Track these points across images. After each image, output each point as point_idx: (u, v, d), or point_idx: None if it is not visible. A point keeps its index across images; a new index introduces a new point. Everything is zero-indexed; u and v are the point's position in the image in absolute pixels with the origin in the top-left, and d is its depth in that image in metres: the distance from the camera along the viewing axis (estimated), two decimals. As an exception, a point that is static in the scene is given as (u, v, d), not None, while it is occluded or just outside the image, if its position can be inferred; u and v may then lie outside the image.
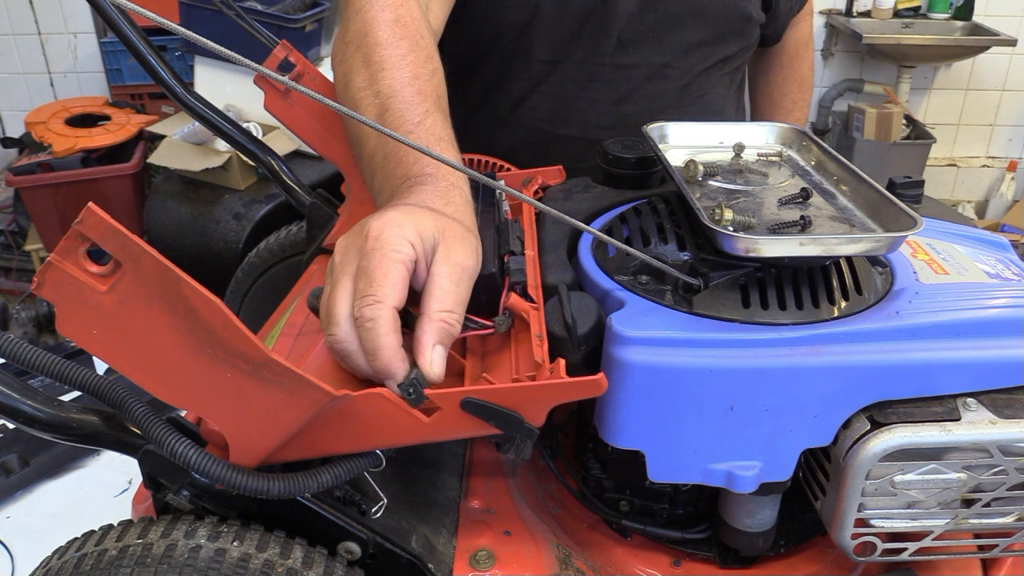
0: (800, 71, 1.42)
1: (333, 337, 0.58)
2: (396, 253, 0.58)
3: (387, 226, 0.59)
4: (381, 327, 0.56)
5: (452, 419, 0.59)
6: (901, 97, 3.53)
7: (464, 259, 0.62)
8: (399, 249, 0.58)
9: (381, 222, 0.60)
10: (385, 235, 0.59)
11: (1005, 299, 0.70)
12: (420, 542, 0.67)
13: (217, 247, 2.40)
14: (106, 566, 0.56)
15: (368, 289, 0.57)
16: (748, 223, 0.70)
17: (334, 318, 0.58)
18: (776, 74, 1.42)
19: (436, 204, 0.65)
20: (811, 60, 1.44)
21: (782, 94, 1.42)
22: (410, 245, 0.59)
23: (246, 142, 1.05)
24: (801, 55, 1.41)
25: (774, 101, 1.43)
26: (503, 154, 1.04)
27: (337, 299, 0.59)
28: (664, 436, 0.66)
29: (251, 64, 0.58)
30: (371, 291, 0.57)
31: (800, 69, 1.42)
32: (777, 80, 1.42)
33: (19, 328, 2.71)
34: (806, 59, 1.42)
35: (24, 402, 0.59)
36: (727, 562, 0.77)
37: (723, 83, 1.22)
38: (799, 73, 1.42)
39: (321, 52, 2.72)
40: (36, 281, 0.48)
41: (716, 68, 1.19)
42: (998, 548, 0.70)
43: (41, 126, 2.93)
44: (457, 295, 0.61)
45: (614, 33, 1.10)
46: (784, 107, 1.42)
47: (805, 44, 1.41)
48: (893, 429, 0.64)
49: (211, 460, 0.56)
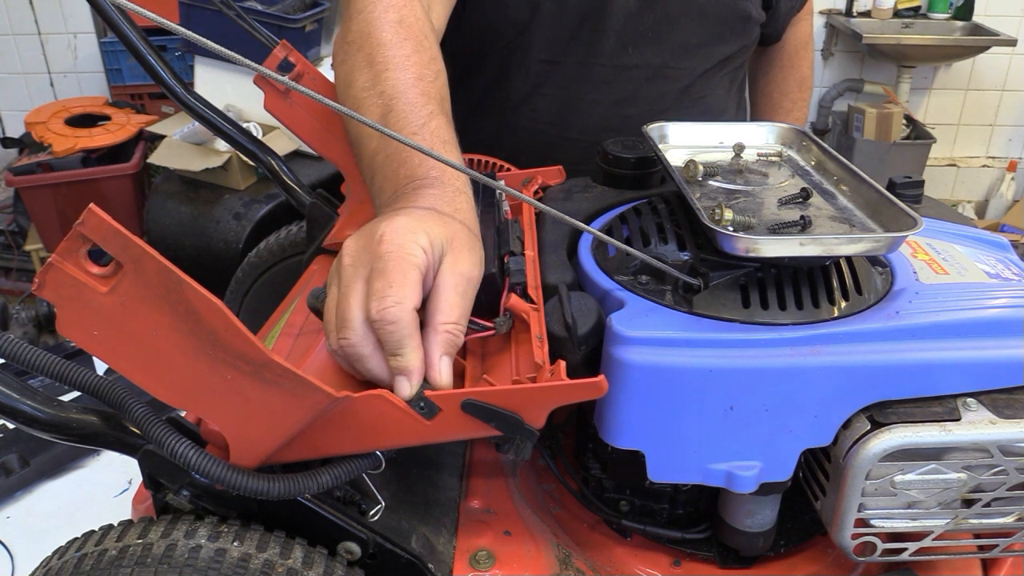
0: (800, 71, 1.42)
1: (347, 340, 0.58)
2: (412, 257, 0.58)
3: (401, 231, 0.59)
4: (405, 328, 0.56)
5: (452, 420, 0.59)
6: (901, 97, 3.53)
7: (470, 270, 0.62)
8: (414, 254, 0.58)
9: (394, 226, 0.60)
10: (400, 240, 0.59)
11: (1005, 299, 0.70)
12: (420, 542, 0.67)
13: (217, 247, 2.41)
14: (106, 566, 0.56)
15: (387, 291, 0.57)
16: (748, 223, 0.71)
17: (349, 321, 0.58)
18: (776, 74, 1.42)
19: (445, 209, 0.65)
20: (811, 60, 1.44)
21: (782, 94, 1.42)
22: (423, 251, 0.59)
23: (246, 142, 1.05)
24: (801, 55, 1.41)
25: (774, 101, 1.43)
26: (505, 156, 1.04)
27: (350, 302, 0.58)
28: (664, 436, 0.67)
29: (251, 64, 0.58)
30: (390, 292, 0.57)
31: (800, 69, 1.42)
32: (777, 80, 1.42)
33: (19, 328, 2.71)
34: (806, 59, 1.42)
35: (24, 402, 0.59)
36: (727, 562, 0.77)
37: (724, 84, 1.22)
38: (799, 73, 1.42)
39: (321, 52, 2.73)
40: (37, 282, 0.48)
41: (717, 69, 1.19)
42: (998, 548, 0.70)
43: (41, 126, 2.93)
44: (462, 307, 0.61)
45: (612, 33, 1.11)
46: (784, 107, 1.42)
47: (805, 44, 1.42)
48: (893, 429, 0.64)
49: (211, 460, 0.56)
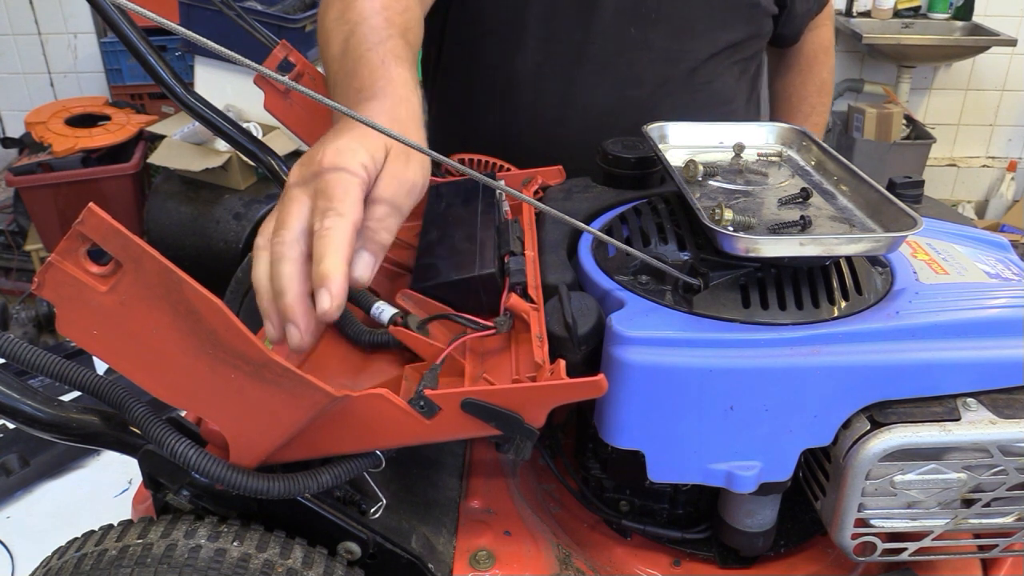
0: (819, 76, 1.41)
1: (279, 239, 0.58)
2: (352, 176, 0.60)
3: (341, 152, 0.61)
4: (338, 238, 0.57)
5: (452, 420, 0.59)
6: (901, 97, 3.53)
7: (406, 174, 0.64)
8: (355, 171, 0.60)
9: (335, 148, 0.62)
10: (340, 160, 0.61)
11: (1005, 299, 0.70)
12: (420, 542, 0.67)
13: (217, 247, 2.41)
14: (106, 566, 0.56)
15: (329, 204, 0.58)
16: (748, 223, 0.70)
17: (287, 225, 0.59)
18: (794, 77, 1.42)
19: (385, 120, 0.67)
20: (832, 66, 1.43)
21: (800, 98, 1.42)
22: (363, 168, 0.61)
23: (246, 142, 1.05)
24: (821, 60, 1.41)
25: (792, 105, 1.42)
26: (510, 140, 1.04)
27: (291, 211, 0.60)
28: (664, 436, 0.67)
29: (251, 64, 0.58)
30: (332, 206, 0.58)
31: (819, 74, 1.41)
32: (795, 84, 1.42)
33: (19, 328, 2.71)
34: (826, 64, 1.42)
35: (24, 402, 0.59)
36: (727, 562, 0.77)
37: (733, 73, 1.21)
38: (818, 78, 1.41)
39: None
40: (37, 281, 0.48)
41: (724, 56, 1.18)
42: (998, 548, 0.70)
43: (41, 126, 2.93)
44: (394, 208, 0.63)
45: (609, 10, 1.10)
46: (802, 111, 1.42)
47: (825, 49, 1.40)
48: (893, 429, 0.64)
49: (211, 460, 0.56)
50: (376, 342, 0.72)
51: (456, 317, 0.70)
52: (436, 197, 0.87)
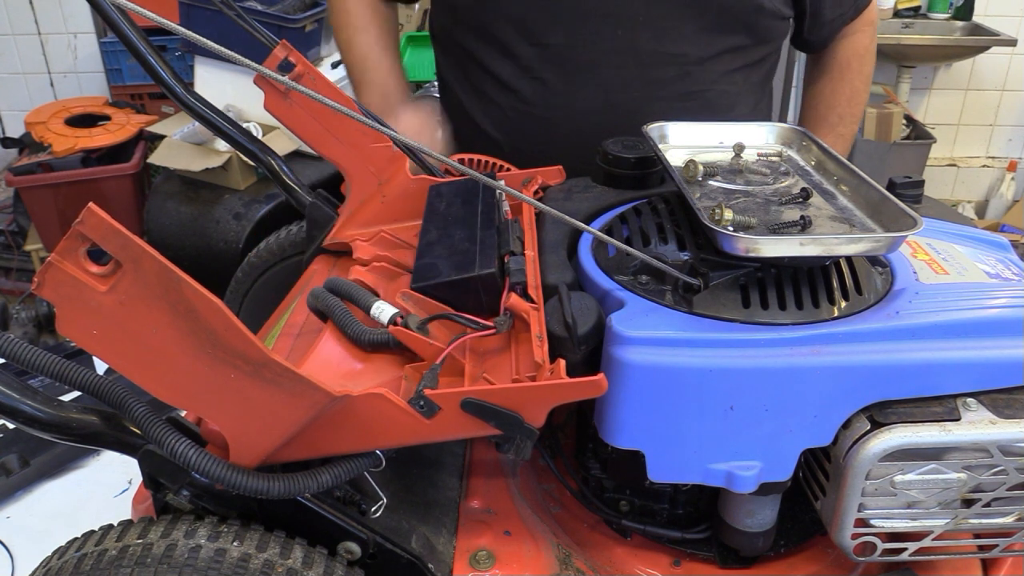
0: (852, 84, 1.31)
1: None
2: None
3: None
4: None
5: (452, 419, 0.59)
6: (901, 97, 3.53)
7: None
8: None
9: None
10: None
11: (1005, 299, 0.70)
12: (420, 542, 0.67)
13: (217, 247, 2.40)
14: (106, 566, 0.56)
15: None
16: (748, 223, 0.70)
17: None
18: (824, 85, 1.32)
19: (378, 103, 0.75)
20: (867, 74, 1.32)
21: (828, 107, 1.32)
22: None
23: (246, 142, 1.05)
24: (854, 68, 1.30)
25: (819, 114, 1.33)
26: (500, 143, 1.04)
27: None
28: (664, 436, 0.66)
29: (251, 64, 0.58)
30: None
31: (852, 83, 1.31)
32: (825, 92, 1.32)
33: (19, 328, 2.71)
34: (860, 72, 1.31)
35: (24, 402, 0.59)
36: (727, 562, 0.77)
37: (733, 79, 1.16)
38: (850, 87, 1.31)
39: (321, 52, 2.72)
40: (36, 281, 0.48)
41: (722, 60, 1.14)
42: (998, 548, 0.70)
43: (41, 126, 2.93)
44: None
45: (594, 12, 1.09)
46: (829, 120, 1.32)
47: (860, 56, 1.30)
48: (893, 429, 0.64)
49: (211, 460, 0.56)
50: (376, 342, 0.72)
51: (456, 317, 0.70)
52: (436, 197, 0.87)
